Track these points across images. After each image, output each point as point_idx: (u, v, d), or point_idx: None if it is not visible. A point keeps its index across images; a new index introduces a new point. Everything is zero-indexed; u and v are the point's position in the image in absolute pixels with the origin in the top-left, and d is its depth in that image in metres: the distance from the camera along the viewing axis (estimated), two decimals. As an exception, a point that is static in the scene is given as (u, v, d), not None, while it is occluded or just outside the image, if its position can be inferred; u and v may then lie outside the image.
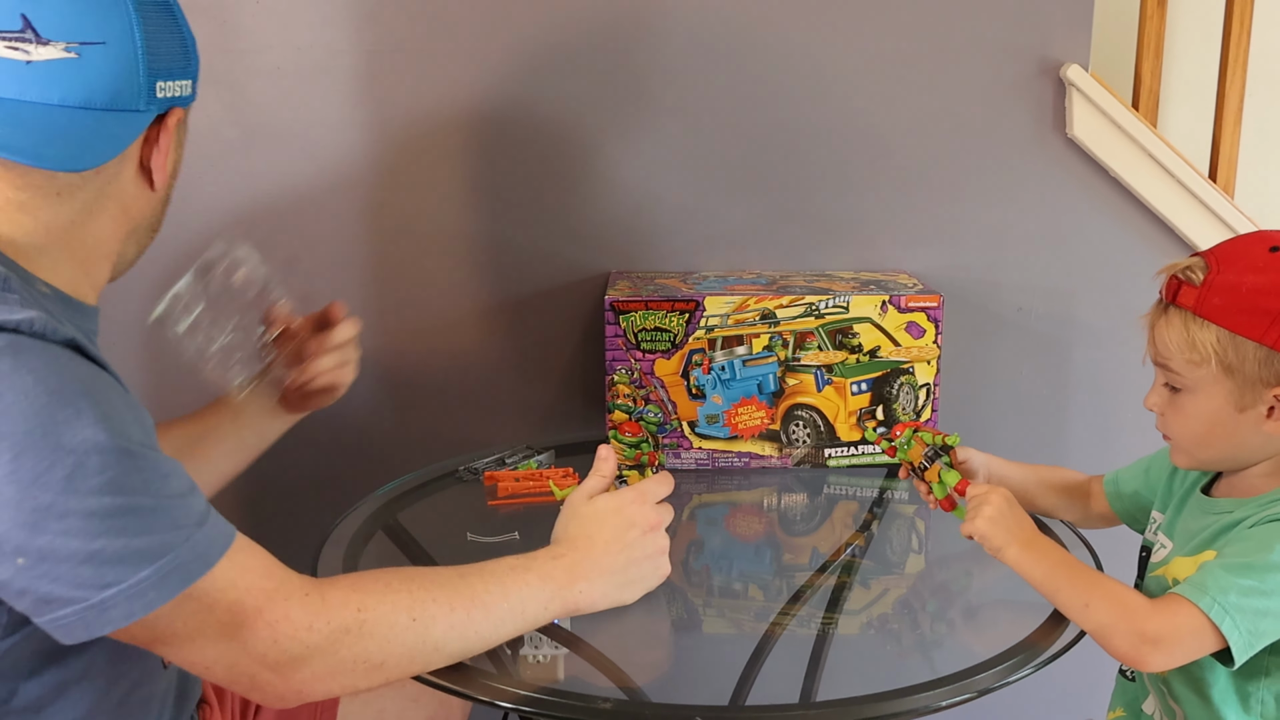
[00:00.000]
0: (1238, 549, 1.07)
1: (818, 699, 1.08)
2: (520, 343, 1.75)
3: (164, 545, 0.87)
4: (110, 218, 1.02)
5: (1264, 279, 1.05)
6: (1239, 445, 1.11)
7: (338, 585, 0.98)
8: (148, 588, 0.86)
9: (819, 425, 1.59)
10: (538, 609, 1.05)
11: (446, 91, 1.68)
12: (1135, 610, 1.06)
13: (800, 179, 1.72)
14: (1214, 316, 1.06)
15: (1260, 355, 1.05)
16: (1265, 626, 1.03)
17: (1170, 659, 1.06)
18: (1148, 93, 1.77)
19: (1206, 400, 1.09)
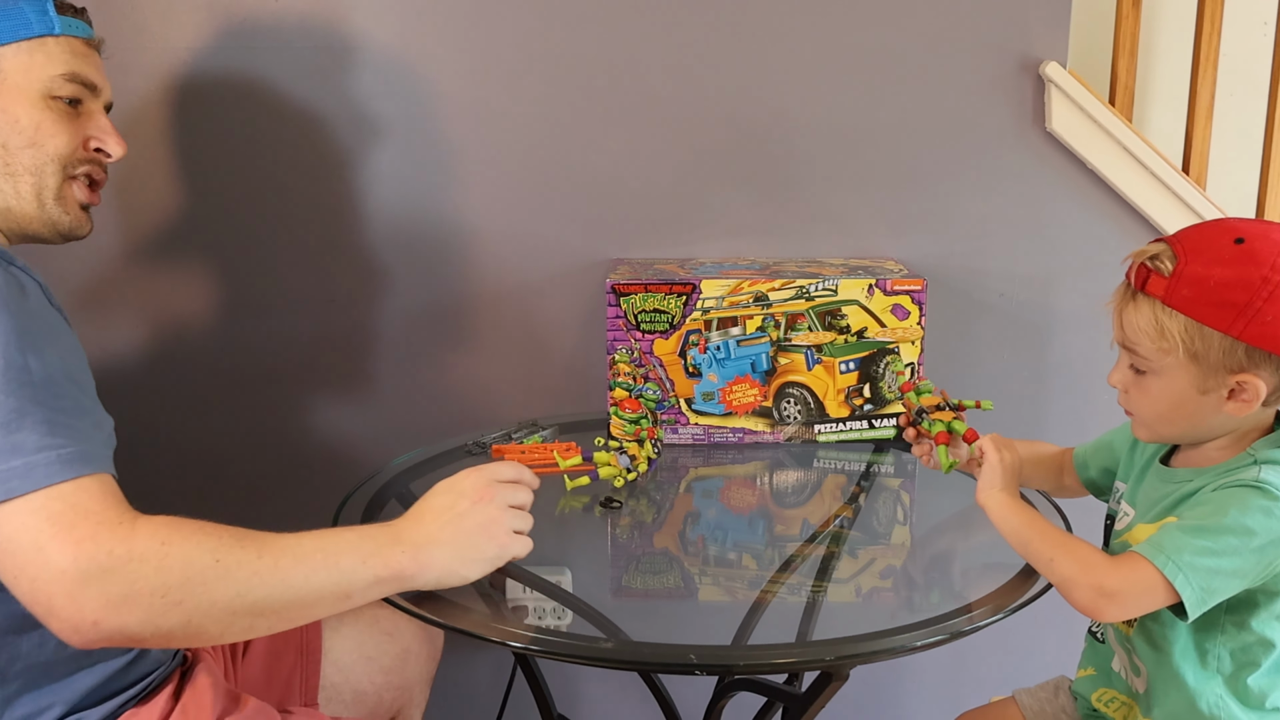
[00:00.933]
0: (1195, 513, 1.11)
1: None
2: (527, 325, 1.80)
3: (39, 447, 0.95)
4: None
5: (1231, 272, 1.07)
6: (1199, 423, 1.15)
7: (154, 520, 0.98)
8: (13, 476, 0.93)
9: (809, 402, 1.64)
10: (354, 563, 1.03)
11: (457, 86, 1.73)
12: (1095, 566, 1.11)
13: (793, 171, 1.77)
14: (1183, 307, 1.09)
15: (1225, 345, 1.08)
16: (1217, 584, 1.08)
17: (1125, 611, 1.12)
18: (1123, 89, 1.81)
19: (1170, 383, 1.13)
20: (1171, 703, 1.19)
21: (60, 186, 1.20)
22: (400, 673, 1.43)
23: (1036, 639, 1.75)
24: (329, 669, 1.38)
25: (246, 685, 1.34)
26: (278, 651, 1.36)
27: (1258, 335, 1.07)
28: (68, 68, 1.18)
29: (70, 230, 1.22)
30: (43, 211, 1.19)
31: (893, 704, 1.98)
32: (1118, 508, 1.28)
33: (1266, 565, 1.09)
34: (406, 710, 1.47)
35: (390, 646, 1.43)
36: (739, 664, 1.12)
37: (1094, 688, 1.30)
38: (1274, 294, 1.06)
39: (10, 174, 1.16)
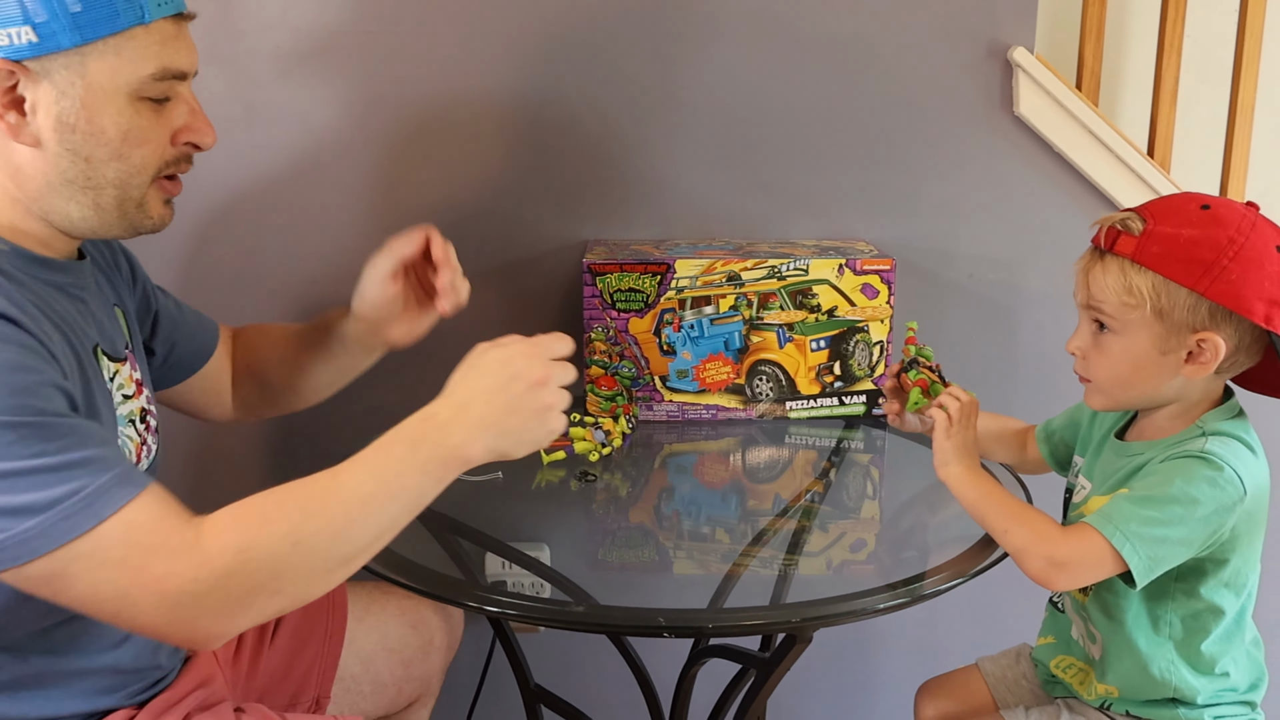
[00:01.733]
0: (1143, 484, 1.15)
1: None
2: (505, 304, 1.82)
3: (51, 501, 0.90)
4: (6, 178, 1.03)
5: (1199, 233, 1.11)
6: (1156, 386, 1.18)
7: (217, 527, 0.95)
8: (31, 537, 0.89)
9: (781, 380, 1.67)
10: (418, 477, 1.00)
11: (435, 72, 1.74)
12: (1047, 537, 1.15)
13: (766, 153, 1.79)
14: (1152, 263, 1.12)
15: (1190, 302, 1.11)
16: (1164, 553, 1.12)
17: (1075, 580, 1.16)
18: (1090, 74, 1.84)
19: (1132, 342, 1.15)
20: (1125, 668, 1.23)
21: (145, 193, 1.08)
22: (422, 664, 1.43)
23: (999, 609, 1.80)
24: (350, 660, 1.36)
25: (265, 675, 1.33)
26: (303, 639, 1.35)
27: (1222, 293, 1.11)
28: (159, 64, 1.03)
29: (150, 230, 1.11)
30: (123, 219, 1.07)
31: (862, 673, 2.02)
32: (1075, 481, 1.32)
33: (1212, 534, 1.13)
34: (423, 699, 1.48)
35: (414, 639, 1.42)
36: (707, 626, 1.15)
37: (1053, 655, 1.35)
38: (1239, 254, 1.10)
39: (92, 187, 1.04)
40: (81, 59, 1.00)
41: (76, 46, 0.99)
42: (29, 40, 0.97)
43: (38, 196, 1.04)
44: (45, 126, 1.01)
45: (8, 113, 0.99)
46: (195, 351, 1.36)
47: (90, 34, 0.99)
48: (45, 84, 0.99)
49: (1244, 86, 1.85)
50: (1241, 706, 1.24)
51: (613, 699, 1.84)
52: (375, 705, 1.40)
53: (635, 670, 1.59)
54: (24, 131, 1.01)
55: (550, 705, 1.53)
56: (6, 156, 1.02)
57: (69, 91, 1.00)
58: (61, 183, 1.03)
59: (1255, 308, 1.11)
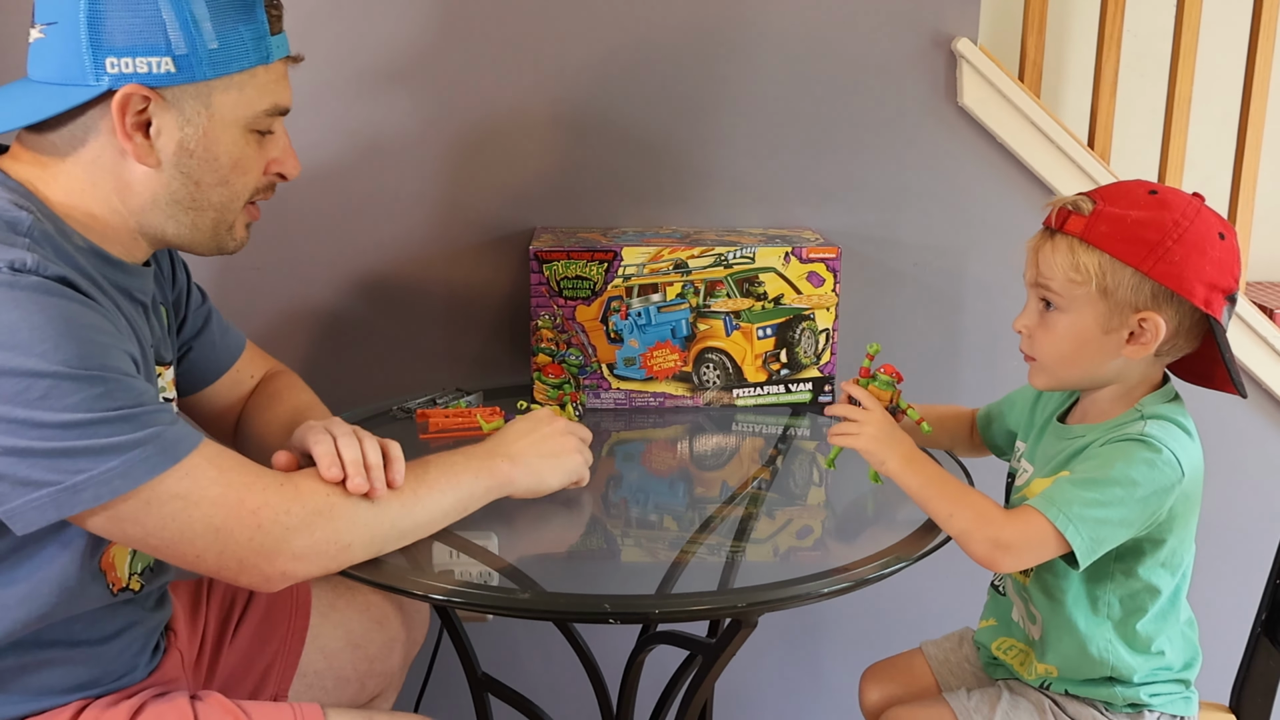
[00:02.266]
0: (1084, 467, 1.17)
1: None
2: (451, 292, 1.82)
3: (133, 443, 0.97)
4: (111, 190, 1.09)
5: (1146, 214, 1.14)
6: (1098, 366, 1.20)
7: (307, 474, 1.09)
8: (114, 476, 0.96)
9: (728, 367, 1.68)
10: (470, 479, 1.18)
11: (375, 54, 1.73)
12: (991, 519, 1.17)
13: (713, 142, 1.80)
14: (1099, 242, 1.14)
15: (1135, 281, 1.14)
16: (1105, 534, 1.14)
17: (1020, 562, 1.18)
18: (1032, 66, 1.87)
19: (1077, 319, 1.18)
20: (1065, 647, 1.25)
21: (237, 219, 1.16)
22: (385, 660, 1.44)
23: (942, 594, 1.82)
24: (314, 655, 1.38)
25: (225, 670, 1.34)
26: (264, 637, 1.36)
27: (1165, 273, 1.13)
28: (273, 101, 1.12)
29: (231, 251, 1.19)
30: (214, 239, 1.16)
31: (808, 659, 2.04)
32: (1018, 465, 1.34)
33: (1150, 514, 1.16)
34: (384, 694, 1.48)
35: (378, 635, 1.43)
36: (654, 612, 1.15)
37: (994, 637, 1.36)
38: (1183, 237, 1.13)
39: (195, 208, 1.12)
40: (210, 91, 1.08)
41: (208, 80, 1.07)
42: (168, 70, 1.05)
43: (140, 211, 1.11)
44: (166, 150, 1.08)
45: (135, 134, 1.06)
46: (206, 367, 1.36)
47: (223, 69, 1.07)
48: (174, 111, 1.07)
49: (1181, 80, 1.89)
50: (1176, 685, 1.26)
51: (561, 687, 1.84)
52: (337, 700, 1.40)
53: (583, 658, 1.60)
54: (147, 154, 1.08)
55: (498, 694, 1.53)
56: (118, 173, 1.09)
57: (194, 120, 1.08)
58: (168, 202, 1.11)
59: (1196, 290, 1.14)
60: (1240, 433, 1.93)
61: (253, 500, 1.03)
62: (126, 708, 1.10)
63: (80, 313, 0.99)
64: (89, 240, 1.08)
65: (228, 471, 1.03)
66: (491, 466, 1.19)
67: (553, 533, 1.35)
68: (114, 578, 1.12)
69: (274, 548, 1.04)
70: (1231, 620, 1.59)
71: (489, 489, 1.19)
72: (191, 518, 1.01)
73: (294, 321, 1.82)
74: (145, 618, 1.18)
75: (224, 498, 1.02)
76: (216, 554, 1.03)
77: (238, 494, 1.02)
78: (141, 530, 1.00)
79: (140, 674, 1.18)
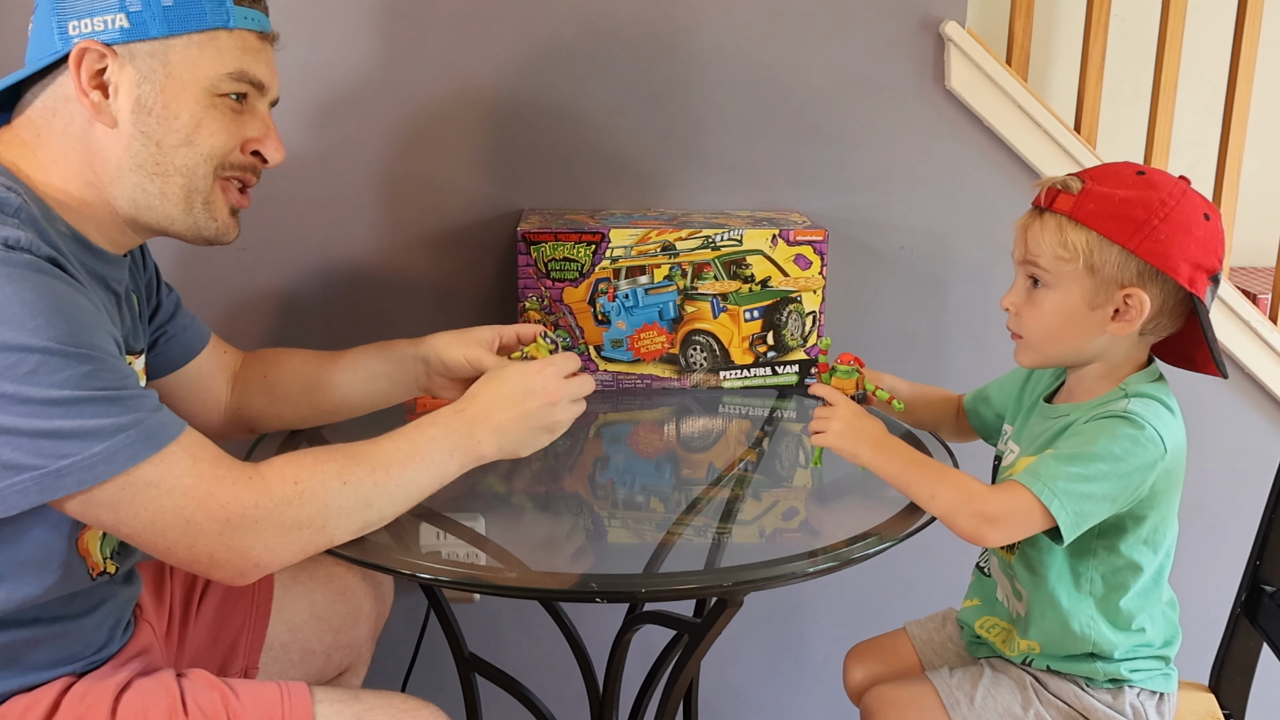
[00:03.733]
0: (1069, 443, 1.19)
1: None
2: (439, 273, 1.81)
3: (117, 428, 0.97)
4: (78, 161, 1.10)
5: (1133, 194, 1.16)
6: (1084, 342, 1.21)
7: (274, 464, 1.08)
8: (98, 461, 0.96)
9: (715, 349, 1.68)
10: (444, 457, 1.15)
11: (366, 33, 1.73)
12: (976, 494, 1.18)
13: (702, 125, 1.80)
14: (1088, 220, 1.17)
15: (1121, 259, 1.16)
16: (1089, 508, 1.15)
17: (1006, 535, 1.19)
18: (1019, 49, 1.87)
19: (1064, 295, 1.19)
20: (1047, 623, 1.26)
21: (211, 190, 1.15)
22: (350, 632, 1.44)
23: (926, 575, 1.83)
24: (279, 628, 1.39)
25: (193, 646, 1.35)
26: (228, 611, 1.36)
27: (1150, 251, 1.15)
28: (237, 65, 1.12)
29: (215, 237, 1.18)
30: (189, 215, 1.14)
31: (793, 639, 2.05)
32: (1004, 448, 1.35)
33: (1134, 490, 1.17)
34: (354, 668, 1.49)
35: (342, 606, 1.43)
36: (640, 591, 1.17)
37: (978, 616, 1.38)
38: (1170, 216, 1.15)
39: (160, 173, 1.11)
40: (166, 49, 1.09)
41: (163, 37, 1.08)
42: (121, 26, 1.07)
43: (111, 182, 1.11)
44: (124, 108, 1.09)
45: (92, 92, 1.08)
46: (182, 348, 1.36)
47: (178, 27, 1.09)
48: (130, 68, 1.08)
49: (1167, 65, 1.89)
50: (1156, 661, 1.28)
51: (548, 667, 1.85)
52: (305, 673, 1.41)
53: (570, 638, 1.60)
54: (104, 111, 1.09)
55: (484, 674, 1.54)
56: (87, 141, 1.10)
57: (150, 77, 1.09)
58: (133, 167, 1.11)
59: (1181, 268, 1.16)
60: (1222, 415, 1.95)
61: (222, 494, 1.02)
62: (113, 685, 1.10)
63: (69, 293, 1.00)
64: (70, 226, 1.09)
65: (201, 462, 1.03)
66: (469, 445, 1.16)
67: (540, 514, 1.35)
68: (92, 563, 1.13)
69: (245, 542, 1.04)
70: (1212, 601, 1.60)
71: (462, 466, 1.17)
72: (163, 507, 1.00)
73: (279, 303, 1.82)
74: (118, 592, 1.18)
75: (195, 489, 1.01)
76: (187, 547, 1.03)
77: (208, 486, 1.02)
78: (114, 517, 1.00)
79: (115, 646, 1.18)
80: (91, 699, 1.09)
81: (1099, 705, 1.26)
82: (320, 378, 1.40)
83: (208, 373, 1.39)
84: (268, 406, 1.42)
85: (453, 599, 1.72)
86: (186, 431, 1.03)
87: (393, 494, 1.12)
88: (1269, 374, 1.92)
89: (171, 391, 1.37)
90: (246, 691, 1.13)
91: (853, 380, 1.32)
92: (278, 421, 1.43)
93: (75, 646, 1.13)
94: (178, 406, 1.38)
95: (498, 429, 1.17)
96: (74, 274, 1.03)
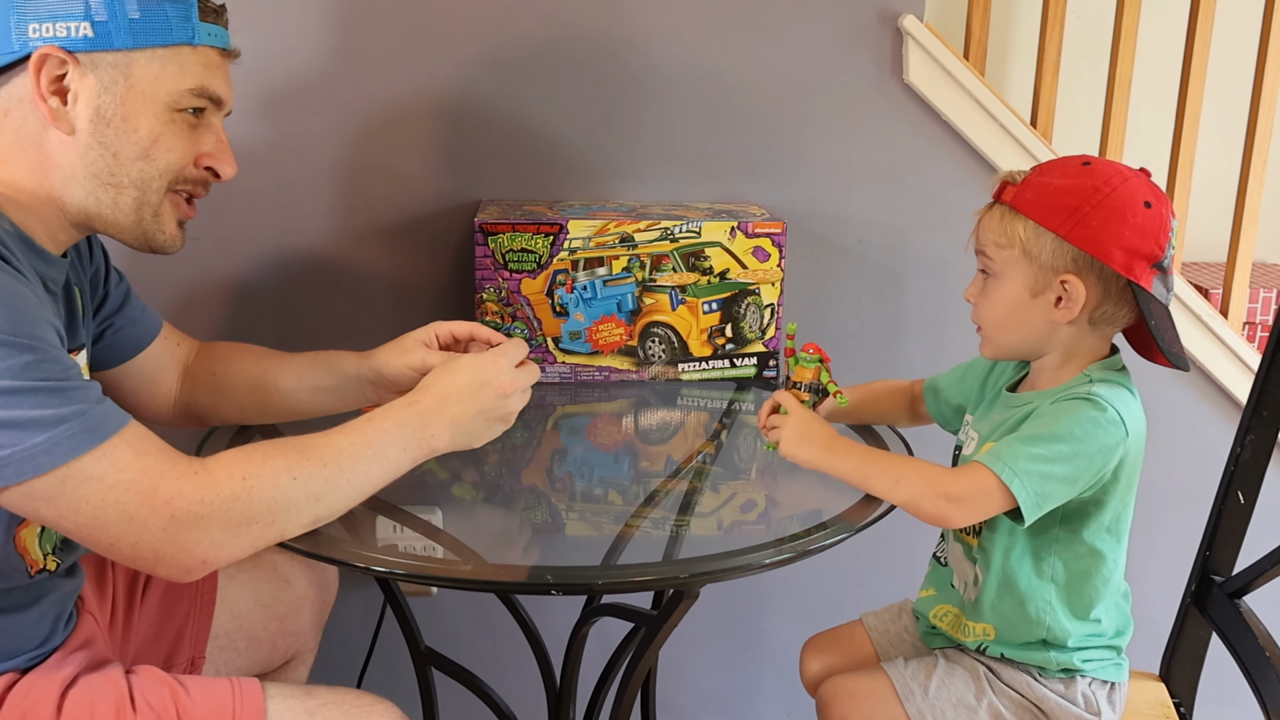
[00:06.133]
0: (1031, 425, 1.20)
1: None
2: (395, 264, 1.80)
3: (58, 418, 0.95)
4: (29, 162, 1.09)
5: (1070, 183, 1.18)
6: (1032, 331, 1.23)
7: (221, 460, 1.05)
8: (38, 452, 0.94)
9: (673, 341, 1.68)
10: (397, 452, 1.13)
11: (326, 26, 1.71)
12: (939, 476, 1.19)
13: (660, 117, 1.80)
14: (1025, 209, 1.19)
15: (1055, 246, 1.18)
16: (1050, 489, 1.16)
17: (969, 515, 1.19)
18: (977, 44, 1.88)
19: (1009, 284, 1.22)
20: (1004, 605, 1.27)
21: (161, 203, 1.14)
22: (295, 619, 1.43)
23: (882, 567, 1.84)
24: (224, 617, 1.37)
25: (138, 636, 1.33)
26: (172, 601, 1.35)
27: (1082, 238, 1.17)
28: (199, 82, 1.12)
29: (162, 247, 1.17)
30: (138, 226, 1.14)
31: (751, 632, 2.06)
32: (965, 437, 1.35)
33: (1095, 473, 1.18)
34: (300, 657, 1.48)
35: (286, 594, 1.43)
36: (596, 583, 1.16)
37: (932, 605, 1.38)
38: (1102, 203, 1.17)
39: (114, 184, 1.11)
40: (129, 61, 1.08)
41: (127, 50, 1.08)
42: (85, 35, 1.06)
43: (61, 186, 1.10)
44: (82, 117, 1.08)
45: (51, 98, 1.07)
46: (131, 340, 1.35)
47: (143, 40, 1.08)
48: (91, 77, 1.07)
49: (1122, 61, 1.91)
50: (1108, 651, 1.29)
51: (505, 661, 1.84)
52: (251, 662, 1.40)
53: (527, 631, 1.60)
54: (62, 119, 1.08)
55: (441, 668, 1.53)
56: (40, 144, 1.09)
57: (111, 88, 1.08)
58: (87, 176, 1.10)
59: (1113, 255, 1.17)
60: (1173, 407, 1.98)
61: (166, 489, 1.00)
62: (59, 680, 1.09)
63: (11, 284, 0.98)
64: (14, 223, 1.07)
65: (145, 456, 1.00)
66: (422, 438, 1.15)
67: (498, 507, 1.35)
68: (31, 560, 1.11)
69: (190, 539, 1.01)
70: (1162, 591, 1.63)
71: (415, 459, 1.16)
72: (105, 502, 0.98)
73: (232, 296, 1.79)
74: (59, 585, 1.16)
75: (138, 484, 0.99)
76: (130, 543, 1.00)
77: (152, 481, 0.99)
78: (55, 511, 0.98)
79: (58, 639, 1.16)
80: (36, 695, 1.07)
81: (1051, 695, 1.27)
82: (266, 380, 1.38)
83: (158, 365, 1.37)
84: (215, 403, 1.40)
85: (410, 593, 1.70)
86: (130, 424, 1.01)
87: (344, 488, 1.10)
88: (1220, 367, 1.95)
89: (121, 383, 1.34)
90: (197, 687, 1.11)
91: (813, 369, 1.33)
92: (224, 417, 1.42)
93: (16, 642, 1.11)
94: (127, 398, 1.36)
95: (452, 422, 1.17)
96: (17, 266, 1.01)
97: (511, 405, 1.21)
